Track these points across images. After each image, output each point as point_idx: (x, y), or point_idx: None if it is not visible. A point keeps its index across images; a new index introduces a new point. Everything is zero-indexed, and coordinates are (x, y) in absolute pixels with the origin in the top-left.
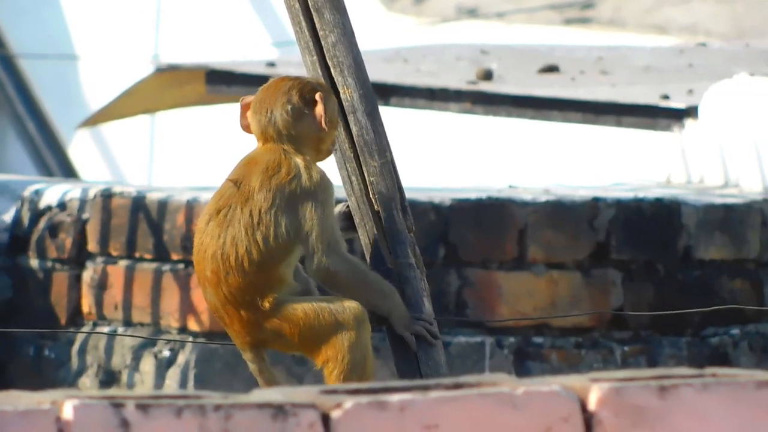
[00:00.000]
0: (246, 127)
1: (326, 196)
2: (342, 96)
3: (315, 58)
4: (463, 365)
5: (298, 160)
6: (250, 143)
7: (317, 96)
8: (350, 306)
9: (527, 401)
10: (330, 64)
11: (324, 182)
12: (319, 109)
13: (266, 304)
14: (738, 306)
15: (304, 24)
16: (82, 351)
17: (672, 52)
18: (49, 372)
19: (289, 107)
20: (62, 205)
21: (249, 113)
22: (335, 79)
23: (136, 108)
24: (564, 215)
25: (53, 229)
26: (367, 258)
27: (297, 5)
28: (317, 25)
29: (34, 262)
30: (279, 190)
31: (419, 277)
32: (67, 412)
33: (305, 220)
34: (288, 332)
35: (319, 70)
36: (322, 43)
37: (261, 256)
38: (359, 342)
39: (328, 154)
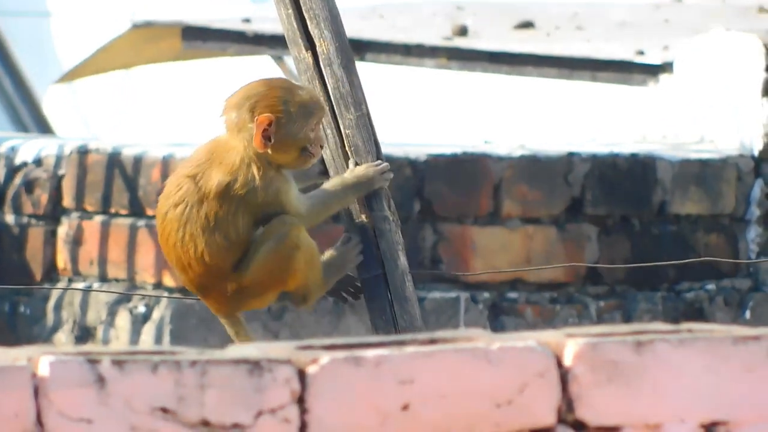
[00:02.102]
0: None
1: (277, 198)
2: (318, 49)
3: (290, 11)
4: (438, 320)
5: (254, 171)
6: (223, 99)
7: (256, 119)
8: (286, 229)
9: (502, 357)
10: (306, 16)
11: (281, 187)
12: (256, 132)
13: (232, 285)
14: (712, 259)
15: None
16: (58, 307)
17: (648, 8)
18: (25, 328)
19: (236, 117)
20: (38, 161)
21: (225, 106)
22: (311, 32)
23: (111, 64)
24: (539, 170)
25: (29, 185)
26: (342, 212)
27: None
28: None
29: (9, 218)
30: (234, 199)
31: (394, 230)
32: (43, 368)
33: (260, 216)
34: (255, 292)
35: (294, 23)
36: None
37: (221, 250)
38: (309, 253)
39: (294, 170)
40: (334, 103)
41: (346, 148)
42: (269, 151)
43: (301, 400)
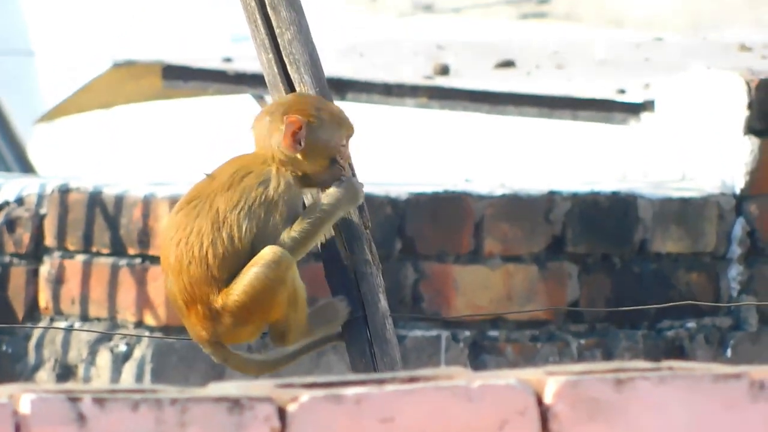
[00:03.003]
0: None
1: (288, 208)
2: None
3: (271, 56)
4: (419, 359)
5: (272, 171)
6: (205, 139)
7: (286, 119)
8: (277, 261)
9: (483, 394)
10: (286, 61)
11: (289, 193)
12: (285, 133)
13: (219, 301)
14: (693, 302)
15: (260, 21)
16: (39, 345)
17: (628, 46)
18: (6, 366)
19: (269, 122)
20: (20, 200)
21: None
22: (291, 77)
23: (93, 103)
24: (520, 208)
25: (10, 224)
26: (323, 254)
27: (253, 3)
28: (273, 23)
29: None
30: (245, 193)
31: (375, 273)
32: (24, 405)
33: (270, 227)
34: (237, 317)
35: (275, 68)
36: (279, 40)
37: (225, 251)
38: (294, 292)
39: (318, 185)
40: None
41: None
42: (298, 155)
43: None
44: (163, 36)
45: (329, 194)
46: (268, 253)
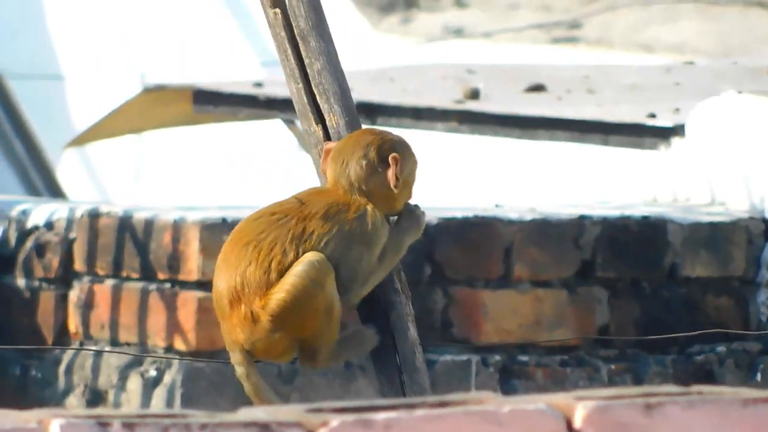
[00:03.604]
0: (325, 172)
1: (378, 244)
2: (328, 123)
3: (300, 85)
4: (449, 384)
5: (369, 208)
6: (235, 164)
7: (390, 158)
8: (317, 266)
9: (513, 419)
10: (315, 91)
11: (383, 231)
12: (392, 171)
13: (261, 301)
14: (722, 330)
15: (289, 51)
16: (69, 370)
17: (659, 71)
18: (36, 391)
19: (364, 162)
20: (49, 225)
21: (328, 159)
22: (321, 107)
23: (122, 127)
24: (550, 233)
25: (40, 249)
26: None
27: (283, 33)
28: (303, 53)
29: (20, 282)
30: (340, 223)
31: (404, 302)
32: (54, 430)
33: (351, 260)
34: (273, 325)
35: (304, 98)
36: (308, 70)
37: (291, 263)
38: (331, 301)
39: (397, 212)
40: None
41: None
42: (395, 191)
43: None
44: (194, 60)
45: (404, 229)
46: (309, 255)
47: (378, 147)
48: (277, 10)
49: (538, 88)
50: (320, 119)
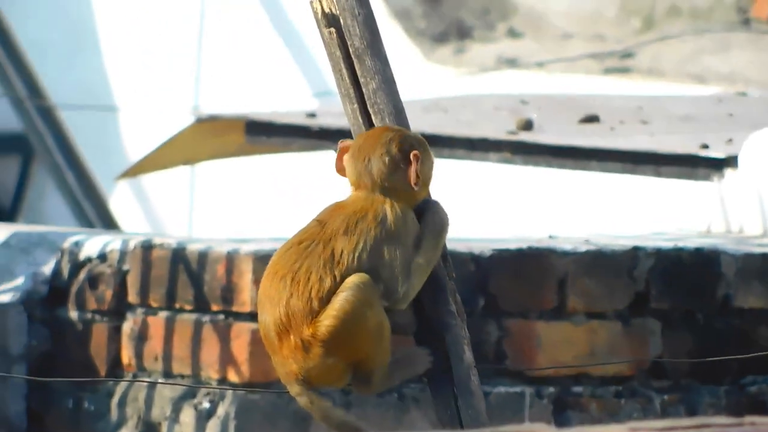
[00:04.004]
0: (340, 171)
1: (408, 236)
2: None
3: (356, 105)
4: (503, 415)
5: (386, 206)
6: (288, 195)
7: (412, 155)
8: (363, 286)
9: None
10: (371, 111)
11: (408, 223)
12: (413, 168)
13: (310, 329)
14: None
15: (344, 71)
16: (122, 403)
17: (711, 101)
18: (88, 424)
19: (386, 158)
20: (102, 257)
21: (346, 157)
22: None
23: (175, 159)
24: (603, 265)
25: (93, 281)
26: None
27: (338, 52)
28: (358, 72)
29: (73, 314)
30: (364, 234)
31: (460, 324)
32: None
33: (386, 260)
34: (325, 350)
35: (359, 118)
36: (363, 90)
37: (332, 287)
38: (380, 319)
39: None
40: None
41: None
42: (416, 188)
43: None
44: (247, 91)
45: (433, 222)
46: (353, 278)
47: (400, 143)
48: (332, 30)
49: (591, 119)
50: None
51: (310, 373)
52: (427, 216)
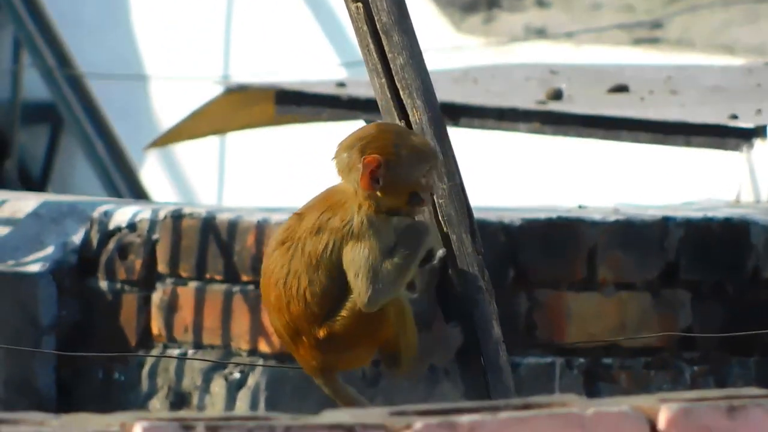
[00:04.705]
0: None
1: (376, 241)
2: (411, 118)
3: (383, 80)
4: (533, 386)
5: (355, 209)
6: (318, 165)
7: (364, 160)
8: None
9: (597, 422)
10: (399, 86)
11: (376, 228)
12: (360, 174)
13: (323, 332)
14: None
15: (372, 46)
16: (152, 373)
17: (740, 72)
18: (118, 395)
19: (345, 159)
20: (132, 226)
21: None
22: (404, 102)
23: (205, 129)
24: (634, 235)
25: (123, 251)
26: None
27: (365, 27)
28: (385, 48)
29: (103, 284)
30: (331, 232)
31: (488, 300)
32: None
33: (351, 263)
34: (345, 343)
35: (387, 93)
36: (391, 65)
37: (324, 288)
38: (400, 306)
39: (403, 215)
40: None
41: (440, 218)
42: (378, 193)
43: None
44: (276, 61)
45: (409, 231)
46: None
47: (362, 147)
48: (360, 5)
49: (621, 89)
50: (403, 114)
51: (332, 364)
52: (406, 225)
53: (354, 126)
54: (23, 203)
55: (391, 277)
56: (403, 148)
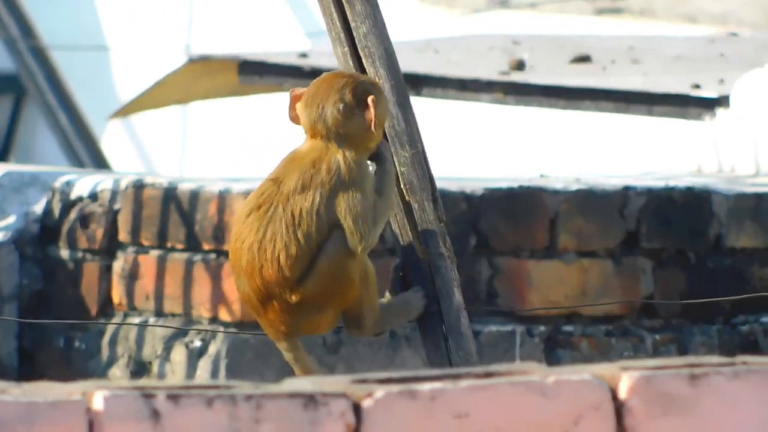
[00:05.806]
0: (294, 119)
1: (365, 183)
2: None
3: (346, 49)
4: (494, 354)
5: (339, 157)
6: (281, 135)
7: (369, 99)
8: (343, 240)
9: (557, 390)
10: (361, 54)
11: (362, 170)
12: (370, 112)
13: (294, 296)
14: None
15: (335, 15)
16: (113, 342)
17: (703, 42)
18: (80, 363)
19: (340, 105)
20: (93, 196)
21: (299, 105)
22: (367, 70)
23: (168, 98)
24: (595, 204)
25: (84, 220)
26: (398, 248)
27: None
28: (349, 17)
29: (64, 253)
30: (319, 188)
31: (450, 267)
32: (98, 402)
33: (346, 211)
34: (314, 306)
35: (350, 62)
36: (354, 34)
37: (299, 251)
38: (364, 267)
39: (372, 151)
40: (389, 141)
41: (402, 186)
42: (374, 132)
43: None
44: (239, 31)
45: (385, 166)
46: (336, 235)
47: (353, 89)
48: None
49: (583, 58)
50: None
51: (299, 327)
52: (380, 161)
53: None
54: None
55: (384, 217)
56: (372, 86)
